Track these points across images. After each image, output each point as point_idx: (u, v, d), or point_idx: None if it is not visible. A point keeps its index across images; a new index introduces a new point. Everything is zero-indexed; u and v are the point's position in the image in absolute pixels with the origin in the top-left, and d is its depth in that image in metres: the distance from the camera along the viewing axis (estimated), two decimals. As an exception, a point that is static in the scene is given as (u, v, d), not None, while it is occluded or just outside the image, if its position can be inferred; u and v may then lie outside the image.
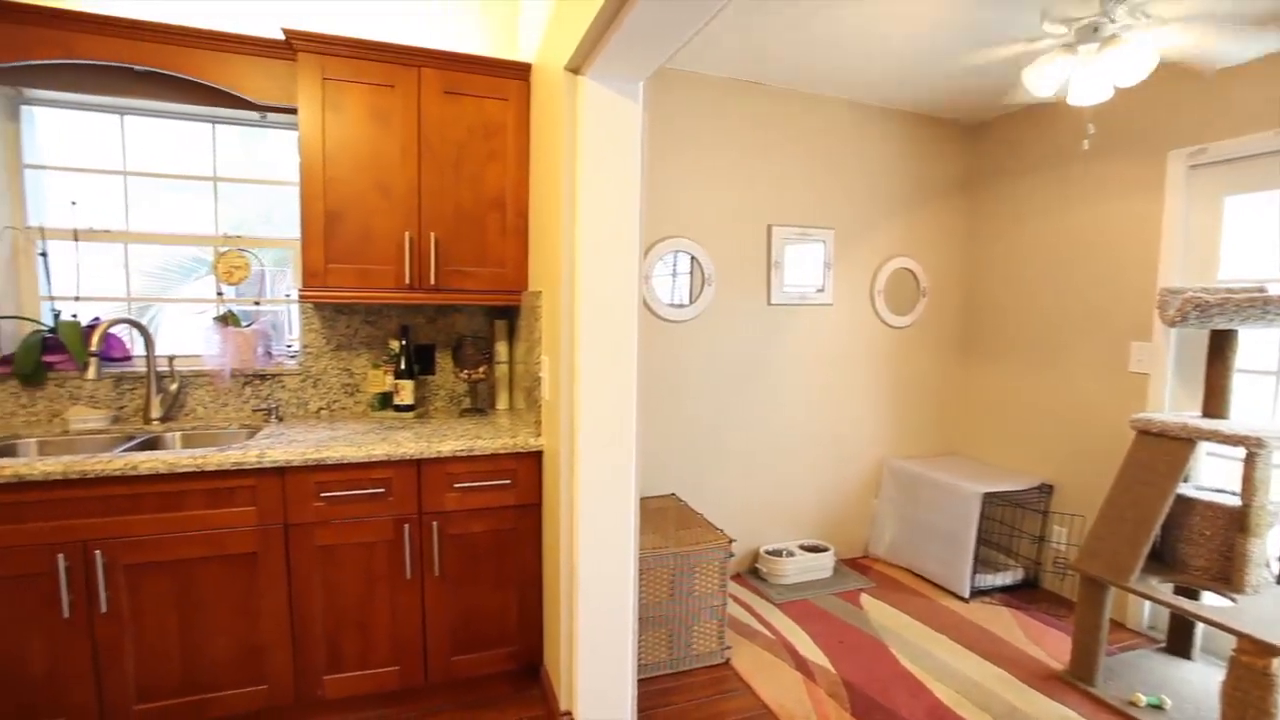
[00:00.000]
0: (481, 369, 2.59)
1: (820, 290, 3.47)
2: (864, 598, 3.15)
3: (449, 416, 2.57)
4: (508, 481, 2.17)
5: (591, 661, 1.99)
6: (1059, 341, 3.26)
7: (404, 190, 2.28)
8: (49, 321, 2.31)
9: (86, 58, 2.04)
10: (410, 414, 2.51)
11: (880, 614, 2.99)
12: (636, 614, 2.05)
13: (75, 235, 2.36)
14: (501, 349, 2.66)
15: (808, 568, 3.32)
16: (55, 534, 1.81)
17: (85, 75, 2.21)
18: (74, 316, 2.33)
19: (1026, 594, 3.23)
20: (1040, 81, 2.28)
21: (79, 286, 2.40)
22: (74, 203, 2.36)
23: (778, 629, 2.83)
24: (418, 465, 2.08)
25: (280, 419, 2.47)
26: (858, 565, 3.57)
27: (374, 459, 2.01)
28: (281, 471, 1.96)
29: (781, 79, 3.18)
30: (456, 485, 2.12)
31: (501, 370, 2.67)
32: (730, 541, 2.56)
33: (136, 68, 2.12)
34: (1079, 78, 2.21)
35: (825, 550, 3.42)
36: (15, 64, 2.01)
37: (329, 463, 1.98)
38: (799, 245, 3.40)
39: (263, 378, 2.50)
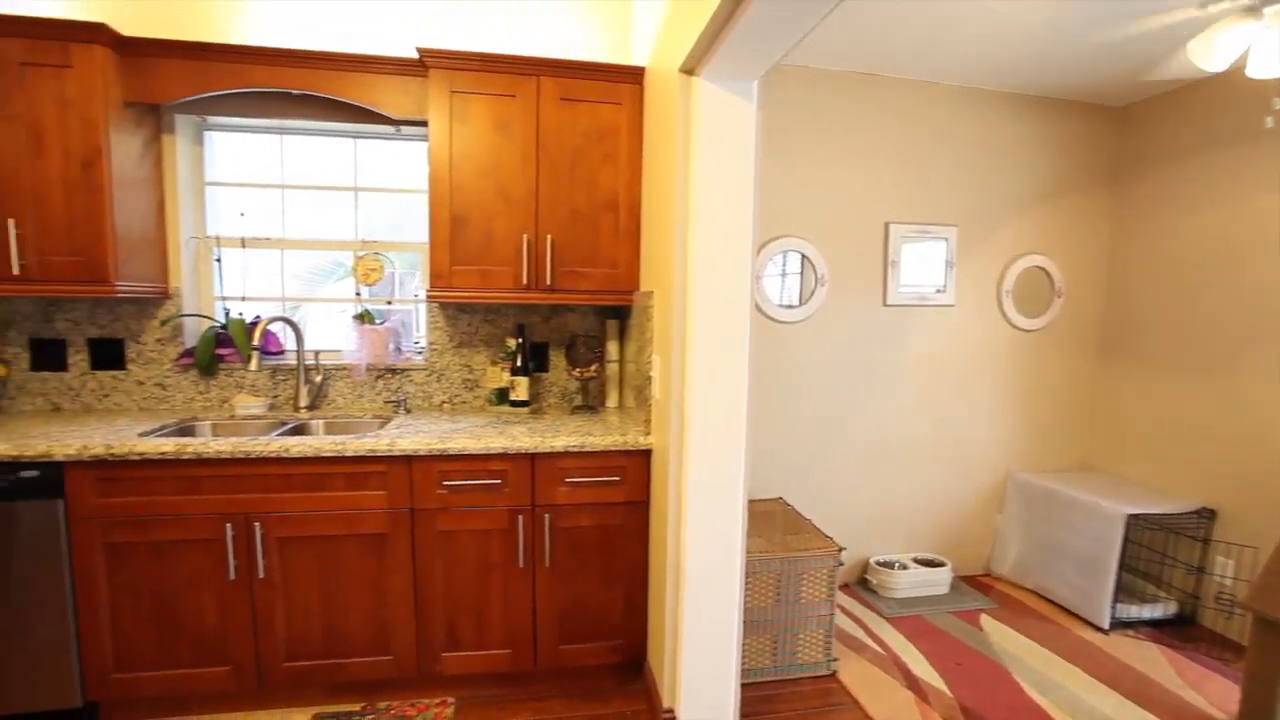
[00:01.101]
0: (593, 367, 2.66)
1: (941, 290, 3.28)
2: (984, 619, 2.95)
3: (561, 413, 2.67)
4: (617, 478, 2.22)
5: (695, 661, 1.99)
6: (1225, 348, 2.89)
7: (522, 194, 2.38)
8: (221, 319, 2.62)
9: (255, 85, 2.30)
10: (525, 409, 2.63)
11: (1003, 637, 2.78)
12: (742, 617, 2.03)
13: (243, 243, 2.67)
14: (612, 348, 2.72)
15: (922, 582, 3.15)
16: (225, 506, 2.05)
17: (252, 101, 2.48)
18: (240, 315, 2.63)
19: (1181, 630, 2.89)
20: (1211, 53, 2.03)
21: (245, 288, 2.71)
22: (242, 214, 2.67)
23: (888, 644, 2.71)
24: (532, 459, 2.17)
25: (408, 411, 2.66)
26: (977, 583, 3.35)
27: (492, 451, 2.12)
28: (409, 460, 2.11)
29: (899, 69, 3.03)
30: (568, 480, 2.19)
31: (612, 369, 2.73)
32: (840, 550, 2.48)
33: (294, 91, 2.36)
34: (1263, 46, 1.95)
35: (941, 565, 3.23)
36: (201, 95, 2.29)
37: (451, 453, 2.11)
38: (918, 243, 3.23)
39: (393, 372, 2.71)
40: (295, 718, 2.15)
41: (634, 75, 2.40)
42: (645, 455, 2.23)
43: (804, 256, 3.11)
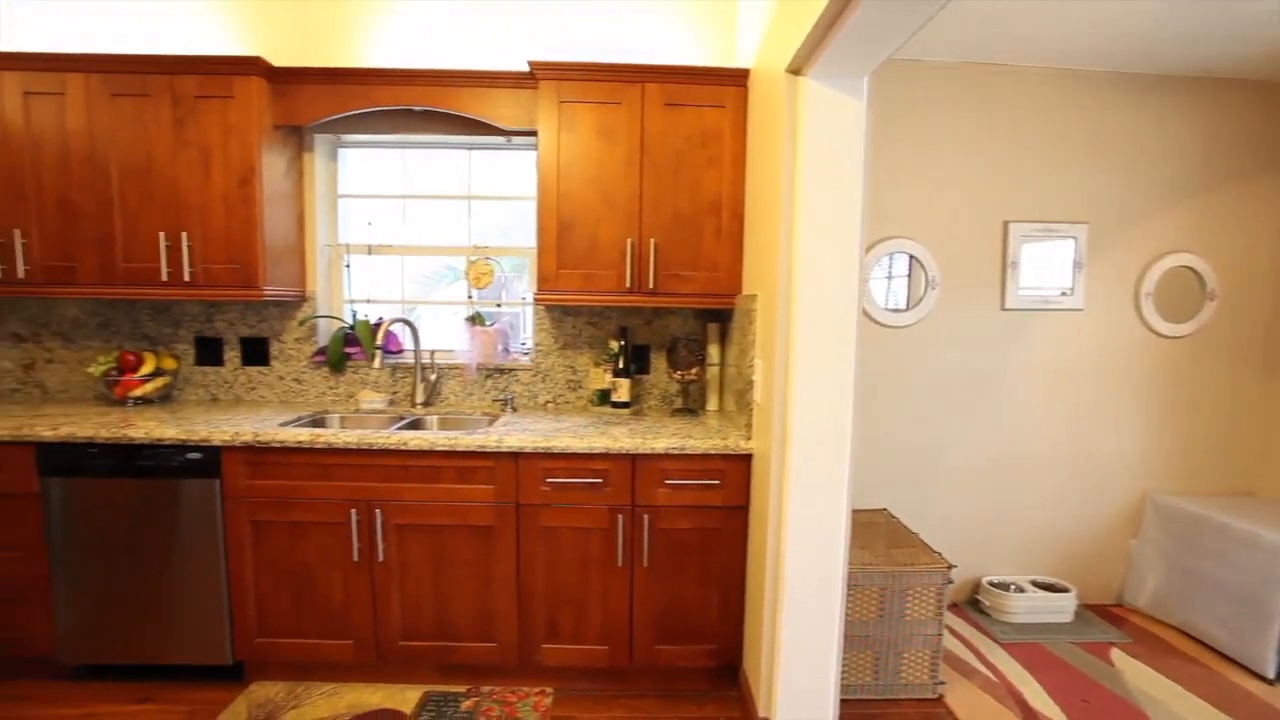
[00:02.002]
0: (694, 370, 2.67)
1: (1067, 293, 3.03)
2: (1115, 653, 2.70)
3: (661, 415, 2.70)
4: (717, 482, 2.21)
5: (793, 672, 1.95)
6: None
7: (626, 199, 2.43)
8: (349, 320, 2.85)
9: (383, 104, 2.49)
10: (626, 411, 2.67)
11: (1139, 676, 2.53)
12: (842, 630, 1.97)
13: (369, 250, 2.89)
14: (714, 351, 2.72)
15: (1042, 608, 2.93)
16: (350, 492, 2.23)
17: (380, 119, 2.67)
18: (365, 316, 2.84)
19: (1361, 683, 2.52)
20: None
21: (370, 291, 2.93)
22: (369, 223, 2.89)
23: (1002, 672, 2.53)
24: (633, 460, 2.20)
25: (514, 409, 2.78)
26: (1107, 614, 3.06)
27: (594, 451, 2.18)
28: (516, 456, 2.20)
29: (1022, 56, 2.84)
30: (668, 481, 2.21)
31: (713, 372, 2.73)
32: (950, 567, 2.35)
33: (417, 108, 2.53)
34: None
35: (1065, 591, 2.98)
36: (337, 116, 2.51)
37: (555, 451, 2.18)
38: (1041, 243, 3.01)
39: (501, 372, 2.83)
40: (408, 693, 2.29)
41: (738, 78, 2.39)
42: (745, 460, 2.21)
43: (912, 258, 2.97)
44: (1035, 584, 3.05)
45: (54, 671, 2.37)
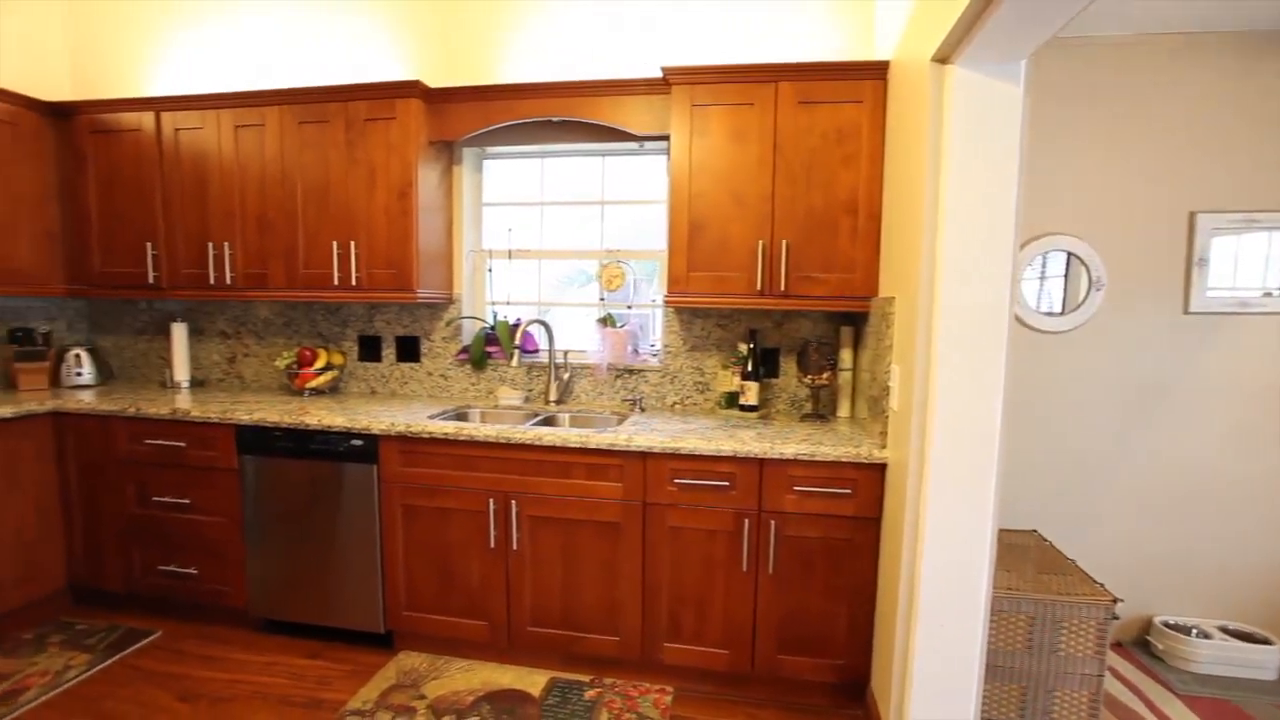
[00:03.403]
0: (825, 375, 2.59)
1: (1272, 294, 2.62)
2: (1333, 720, 2.29)
3: (790, 420, 2.64)
4: (848, 491, 2.13)
5: (927, 698, 1.83)
6: None
7: (757, 199, 2.41)
8: (490, 321, 3.04)
9: (524, 116, 2.64)
10: (754, 414, 2.64)
11: (1365, 749, 2.14)
12: (984, 659, 1.83)
13: (509, 254, 3.07)
14: (846, 355, 2.62)
15: (1234, 659, 2.54)
16: (489, 483, 2.37)
17: (521, 131, 2.82)
18: (505, 317, 3.02)
19: None
20: None
21: (509, 293, 3.11)
22: (510, 229, 3.07)
23: (1181, 726, 2.24)
24: (760, 464, 2.18)
25: (643, 410, 2.83)
26: (1322, 673, 2.60)
27: (721, 453, 2.17)
28: (644, 456, 2.25)
29: (1212, 22, 2.48)
30: (796, 488, 2.16)
31: (845, 377, 2.63)
32: (1114, 601, 2.11)
33: (555, 119, 2.65)
34: None
35: (1267, 644, 2.57)
36: (483, 130, 2.69)
37: (683, 452, 2.20)
38: (1237, 236, 2.62)
39: (630, 372, 2.90)
40: (536, 677, 2.41)
41: (877, 70, 2.29)
42: (879, 470, 2.11)
43: (1071, 256, 2.70)
44: (1226, 631, 2.65)
45: (246, 622, 2.73)
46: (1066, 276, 2.73)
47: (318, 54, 3.04)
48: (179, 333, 3.21)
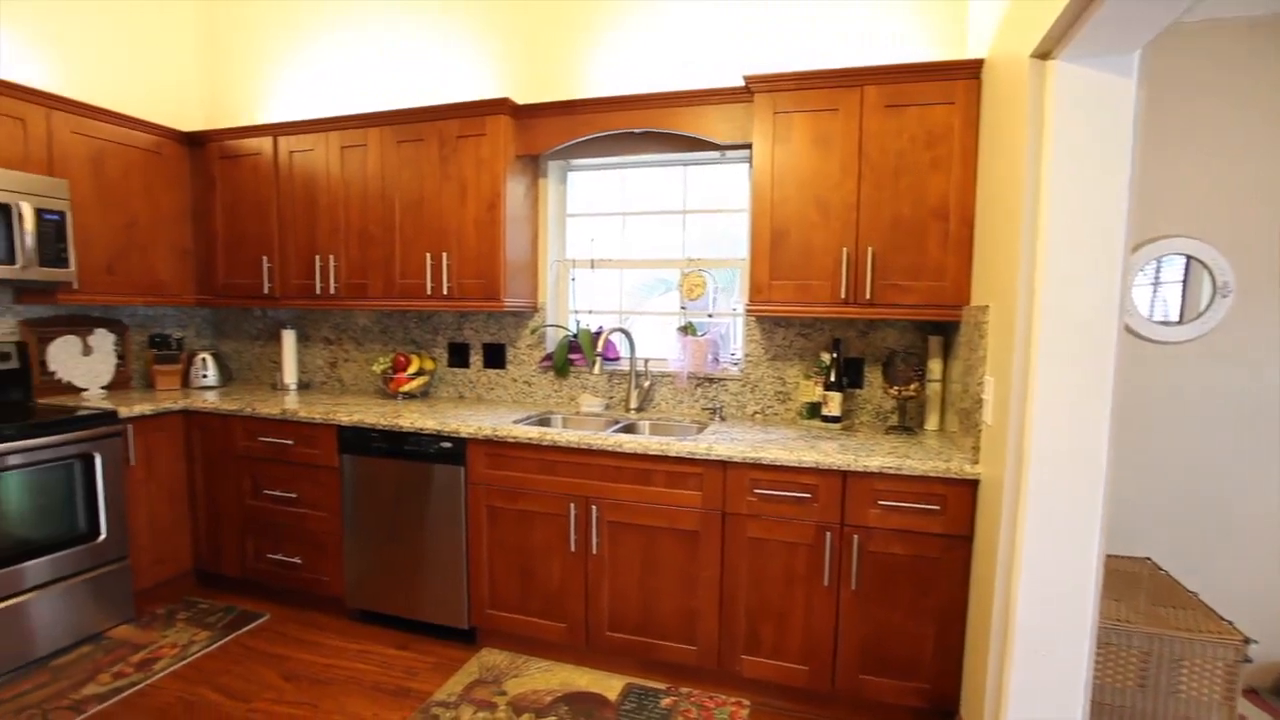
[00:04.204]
0: (912, 386, 2.49)
1: None
2: None
3: (874, 432, 2.56)
4: (936, 507, 2.04)
5: (1025, 732, 1.72)
6: None
7: (841, 206, 2.36)
8: (573, 329, 3.12)
9: (608, 129, 2.70)
10: (837, 425, 2.58)
11: None
12: (1089, 696, 1.70)
13: (592, 264, 3.14)
14: (935, 366, 2.52)
15: (1393, 713, 2.25)
16: (570, 488, 2.43)
17: (604, 143, 2.89)
18: (587, 326, 3.09)
19: None
20: None
21: (591, 302, 3.18)
22: (593, 239, 3.14)
23: (1328, 785, 1.99)
24: (843, 476, 2.12)
25: (723, 419, 2.82)
26: None
27: (803, 465, 2.14)
28: (724, 465, 2.24)
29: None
30: (880, 502, 2.09)
31: (933, 388, 2.53)
32: (1245, 641, 1.91)
33: (637, 130, 2.70)
34: None
35: None
36: (568, 143, 2.77)
37: (764, 463, 2.18)
38: (1399, 239, 2.33)
39: (710, 381, 2.90)
40: (612, 681, 2.43)
41: (969, 70, 2.20)
42: (970, 486, 2.01)
43: (1191, 260, 2.48)
44: (1381, 680, 2.35)
45: (342, 611, 2.90)
46: (1185, 282, 2.52)
47: (414, 75, 3.23)
48: (289, 339, 3.47)
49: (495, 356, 3.23)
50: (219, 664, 2.54)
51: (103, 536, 2.67)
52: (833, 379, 2.56)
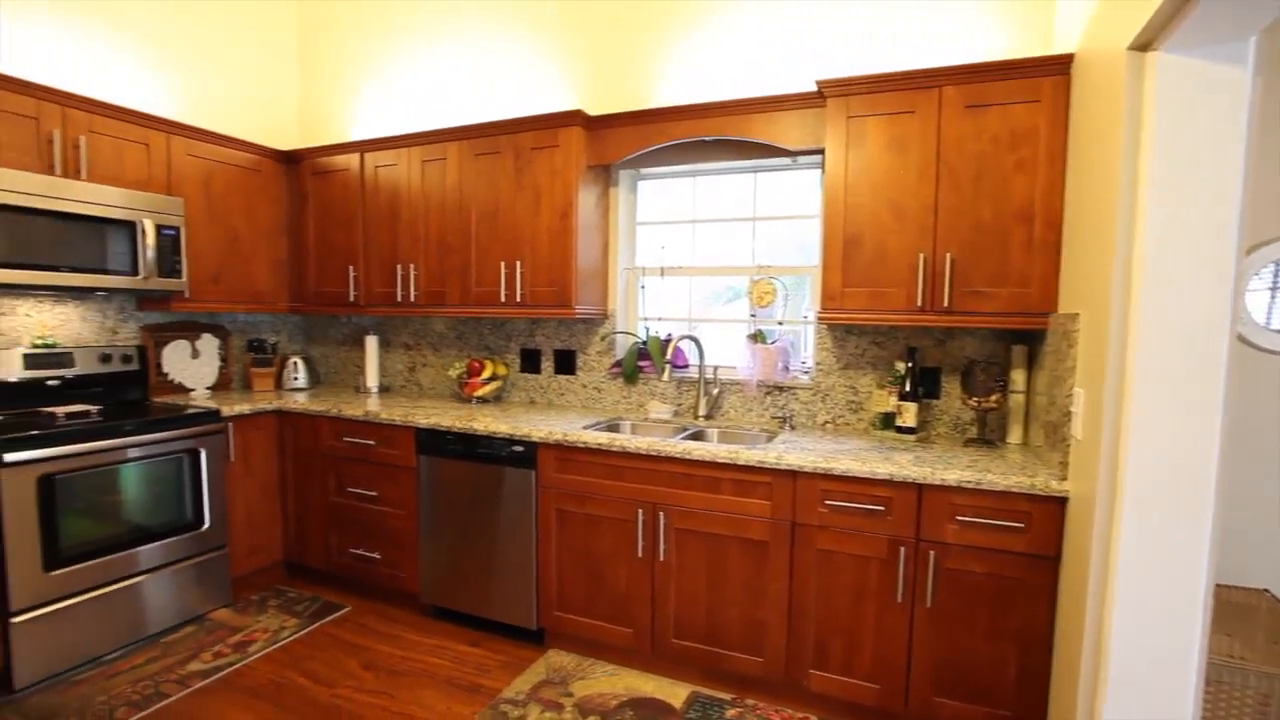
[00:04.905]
0: (993, 397, 2.38)
1: None
2: None
3: (951, 444, 2.46)
4: (1019, 525, 1.94)
5: (1120, 771, 1.61)
6: None
7: (918, 211, 2.29)
8: (642, 336, 3.15)
9: (678, 138, 2.72)
10: (911, 437, 2.49)
11: None
12: (1197, 734, 1.57)
13: (662, 272, 3.16)
14: (1018, 377, 2.40)
15: None
16: (638, 494, 2.45)
17: (674, 151, 2.92)
18: (656, 333, 3.11)
19: None
20: None
21: (660, 309, 3.21)
22: (663, 247, 3.17)
23: None
24: (919, 490, 2.05)
25: (792, 428, 2.78)
26: None
27: (877, 476, 2.08)
28: (794, 475, 2.20)
29: None
30: (958, 518, 2.01)
31: (1016, 400, 2.41)
32: (1381, 685, 1.73)
33: (707, 139, 2.71)
34: None
35: None
36: (639, 153, 2.81)
37: (835, 473, 2.13)
38: None
39: (780, 389, 2.86)
40: (677, 689, 2.42)
41: (1057, 66, 2.10)
42: (1058, 504, 1.90)
43: (1321, 265, 2.27)
44: None
45: (417, 607, 3.02)
46: (1309, 288, 2.31)
47: (489, 89, 3.36)
48: (371, 344, 3.65)
49: (566, 362, 3.30)
50: (306, 650, 2.69)
51: (206, 526, 2.89)
52: (908, 389, 2.48)
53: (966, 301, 2.25)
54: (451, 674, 2.54)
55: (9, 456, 2.27)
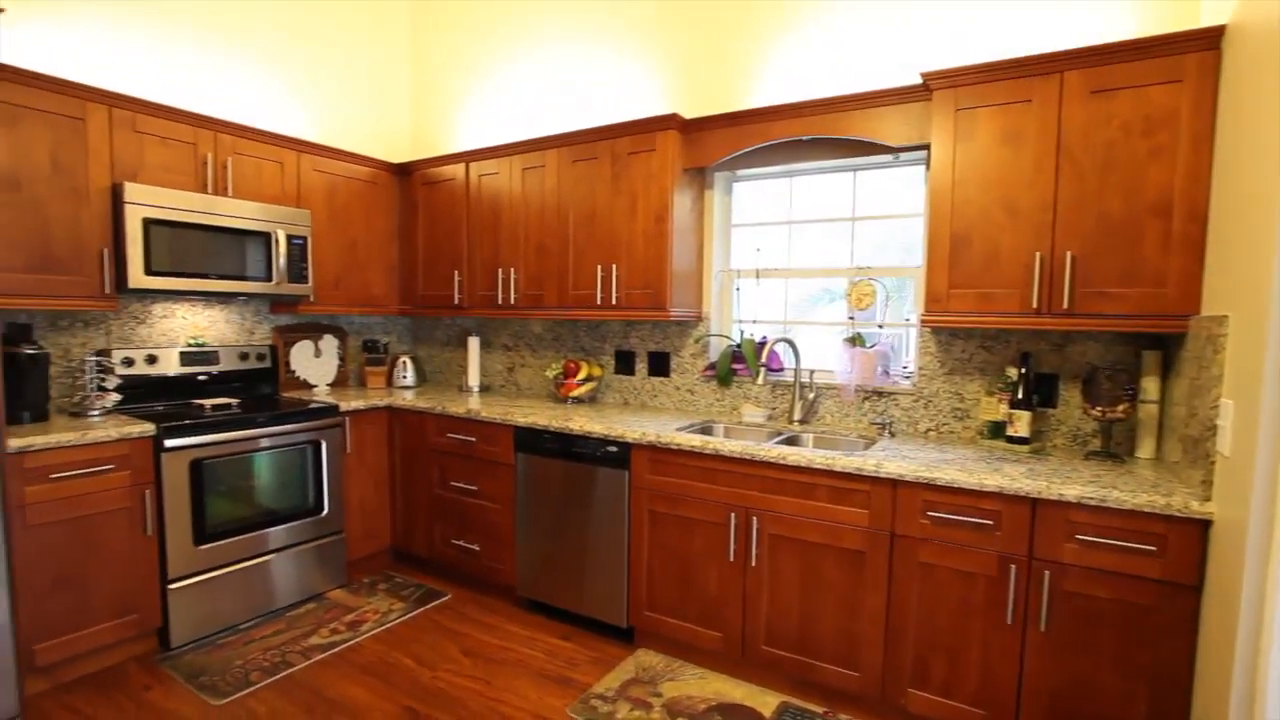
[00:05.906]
0: (1121, 407, 2.18)
1: None
2: None
3: (1070, 457, 2.27)
4: (1152, 548, 1.77)
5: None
6: None
7: (1033, 207, 2.14)
8: (736, 339, 3.13)
9: (774, 138, 2.69)
10: (1024, 447, 2.32)
11: None
12: (1375, 797, 1.37)
13: (757, 274, 3.13)
14: (1150, 385, 2.19)
15: None
16: (731, 497, 2.43)
17: (770, 152, 2.88)
18: (751, 336, 3.08)
19: None
20: None
21: (755, 312, 3.17)
22: (758, 249, 3.13)
23: None
24: (1032, 505, 1.91)
25: (892, 435, 2.67)
26: None
27: (985, 488, 1.96)
28: (894, 484, 2.12)
29: None
30: (1078, 536, 1.86)
31: (1147, 411, 2.20)
32: None
33: (804, 138, 2.66)
34: None
35: None
36: (734, 154, 2.80)
37: (939, 484, 2.03)
38: None
39: (880, 394, 2.76)
40: (767, 698, 2.38)
41: (1205, 40, 1.90)
42: (1199, 526, 1.72)
43: None
44: None
45: (513, 598, 3.13)
46: None
47: (586, 95, 3.46)
48: (473, 345, 3.83)
49: (660, 364, 3.32)
50: (411, 632, 2.85)
51: (325, 511, 3.13)
52: (1020, 396, 2.31)
53: (1089, 303, 2.07)
54: (543, 666, 2.62)
55: (169, 442, 2.57)
